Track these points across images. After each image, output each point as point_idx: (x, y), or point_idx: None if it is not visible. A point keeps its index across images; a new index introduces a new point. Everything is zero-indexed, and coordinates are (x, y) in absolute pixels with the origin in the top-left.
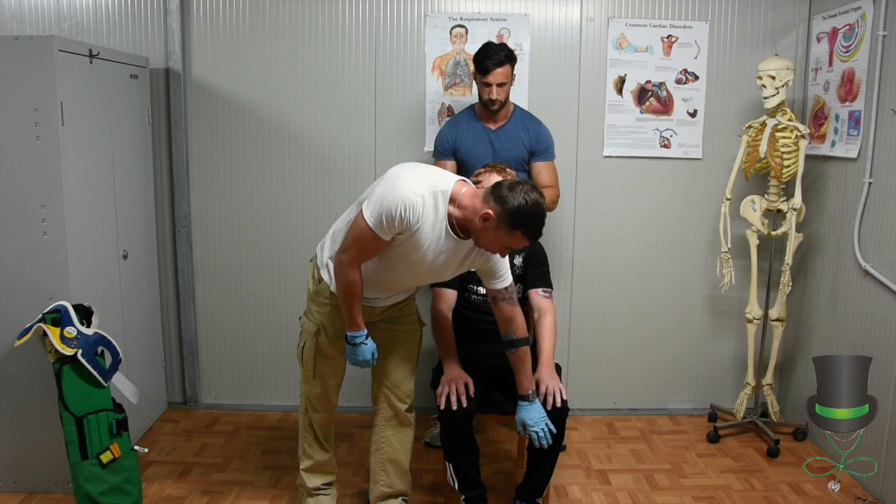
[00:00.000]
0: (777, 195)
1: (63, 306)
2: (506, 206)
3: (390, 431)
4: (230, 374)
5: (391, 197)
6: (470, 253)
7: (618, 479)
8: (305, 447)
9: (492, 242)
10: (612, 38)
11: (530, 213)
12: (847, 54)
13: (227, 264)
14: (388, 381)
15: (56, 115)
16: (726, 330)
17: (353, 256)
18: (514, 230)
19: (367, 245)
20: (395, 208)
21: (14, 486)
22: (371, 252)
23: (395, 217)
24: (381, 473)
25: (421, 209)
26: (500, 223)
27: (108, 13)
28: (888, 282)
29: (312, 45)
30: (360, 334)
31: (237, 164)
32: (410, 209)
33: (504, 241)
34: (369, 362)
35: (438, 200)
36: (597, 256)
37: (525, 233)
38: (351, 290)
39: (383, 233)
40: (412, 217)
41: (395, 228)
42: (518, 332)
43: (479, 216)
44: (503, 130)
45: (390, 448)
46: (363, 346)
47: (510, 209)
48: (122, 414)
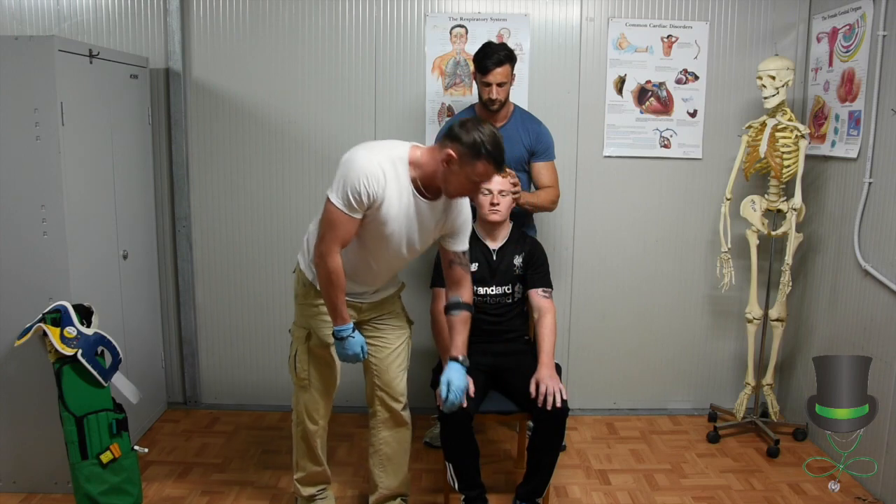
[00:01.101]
0: (777, 195)
1: (63, 306)
2: (463, 139)
3: (387, 432)
4: (230, 374)
5: (352, 173)
6: (441, 215)
7: (618, 479)
8: (298, 459)
9: (461, 183)
10: (612, 38)
11: (489, 139)
12: (847, 54)
13: (227, 264)
14: (380, 382)
15: (56, 115)
16: (726, 330)
17: (330, 243)
18: (478, 160)
19: (342, 228)
20: (358, 182)
21: (14, 486)
22: (346, 235)
23: (360, 191)
24: (381, 475)
25: (383, 177)
26: (463, 158)
27: (108, 13)
28: (888, 282)
29: (312, 45)
30: (347, 327)
31: (237, 164)
32: (373, 179)
33: (471, 176)
34: (359, 356)
35: (398, 167)
36: (597, 256)
37: (488, 159)
38: (334, 280)
39: (353, 211)
40: (376, 186)
41: (364, 203)
42: (465, 297)
43: (442, 160)
44: (503, 130)
45: (388, 448)
46: (351, 339)
47: (468, 141)
48: (122, 414)
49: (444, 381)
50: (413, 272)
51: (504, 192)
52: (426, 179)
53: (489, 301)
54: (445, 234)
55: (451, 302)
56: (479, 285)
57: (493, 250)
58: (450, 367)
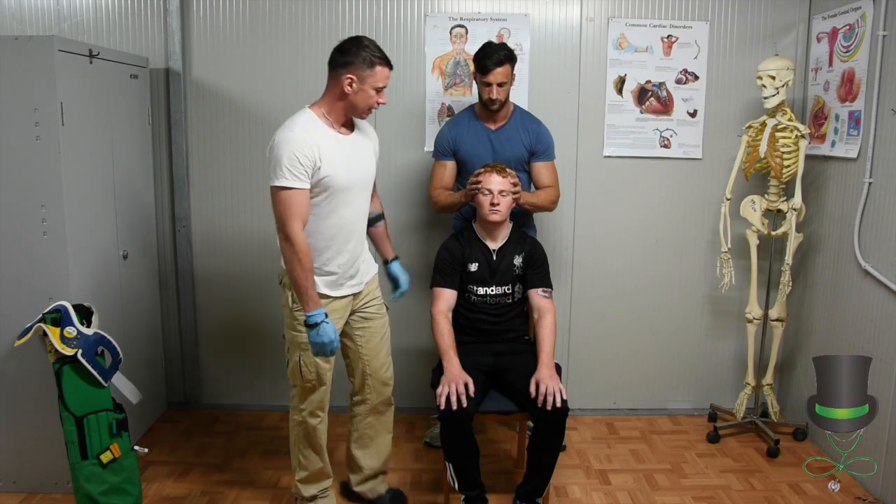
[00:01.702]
0: (777, 195)
1: (63, 306)
2: (355, 60)
3: (372, 418)
4: (230, 374)
5: (279, 151)
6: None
7: (618, 479)
8: (301, 459)
9: (368, 96)
10: (612, 38)
11: (368, 44)
12: (847, 54)
13: (227, 264)
14: (370, 369)
15: (56, 115)
16: (726, 330)
17: (291, 223)
18: (372, 66)
19: (296, 203)
20: (292, 154)
21: (14, 486)
22: (302, 209)
23: (297, 158)
24: (363, 457)
25: (305, 136)
26: (360, 72)
27: (108, 13)
28: (888, 282)
29: (312, 45)
30: (319, 312)
31: (237, 164)
32: (301, 143)
33: (373, 83)
34: (333, 342)
35: (314, 125)
36: (597, 256)
37: (381, 62)
38: (302, 260)
39: (300, 181)
40: (304, 148)
41: (306, 168)
42: (380, 209)
43: (345, 84)
44: (503, 130)
45: (372, 432)
46: (325, 324)
47: (360, 57)
48: (122, 414)
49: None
50: (413, 273)
51: (504, 192)
52: (339, 118)
53: (489, 301)
54: None
55: (372, 216)
56: (479, 285)
57: (493, 250)
58: (392, 266)
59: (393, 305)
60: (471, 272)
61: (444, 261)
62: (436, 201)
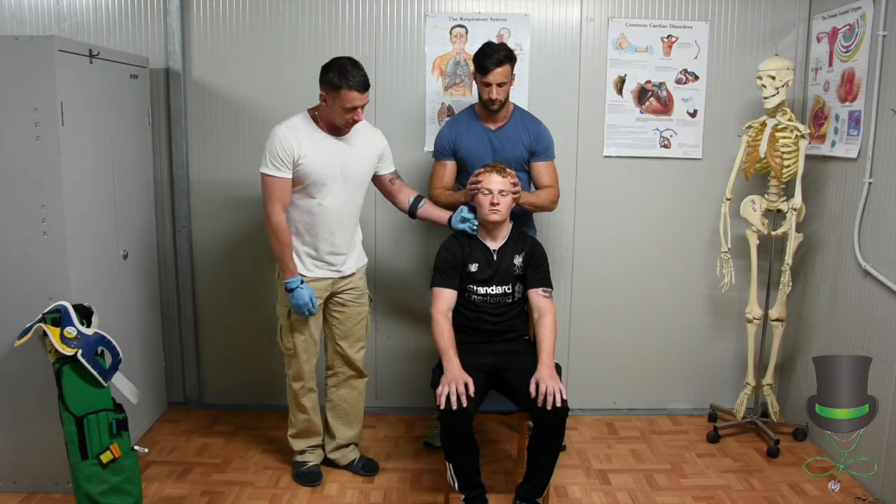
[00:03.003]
0: (777, 195)
1: (63, 306)
2: (324, 80)
3: (346, 390)
4: (230, 374)
5: (269, 142)
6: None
7: (618, 479)
8: (291, 417)
9: (340, 114)
10: (612, 38)
11: (340, 67)
12: (847, 54)
13: (227, 264)
14: (343, 345)
15: (56, 115)
16: (726, 330)
17: (272, 206)
18: (338, 90)
19: (278, 189)
20: (276, 146)
21: (14, 486)
22: (283, 194)
23: (279, 150)
24: (339, 427)
25: (292, 132)
26: (329, 92)
27: (108, 13)
28: (888, 282)
29: (312, 45)
30: (295, 279)
31: (237, 164)
32: (284, 138)
33: (342, 104)
34: (308, 305)
35: (304, 122)
36: (597, 256)
37: (345, 86)
38: (280, 237)
39: (281, 171)
40: (288, 143)
41: (286, 159)
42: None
43: (321, 100)
44: (503, 130)
45: (346, 405)
46: (300, 289)
47: (327, 81)
48: (122, 414)
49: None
50: (413, 273)
51: (504, 192)
52: (326, 124)
53: (489, 301)
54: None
55: (411, 202)
56: (479, 285)
57: (493, 250)
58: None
59: (393, 305)
60: (471, 272)
61: (444, 261)
62: (436, 201)
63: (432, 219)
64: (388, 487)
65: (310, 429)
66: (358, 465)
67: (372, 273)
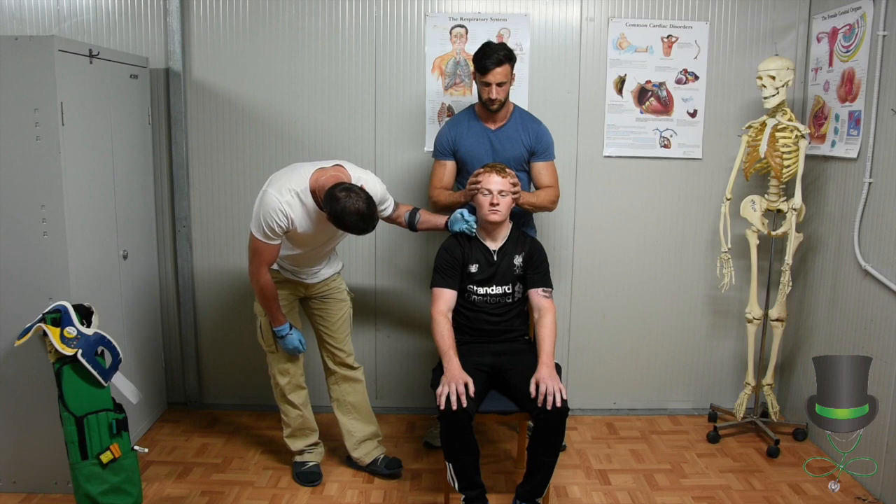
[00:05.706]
0: (777, 195)
1: (63, 306)
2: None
3: (346, 384)
4: (230, 373)
5: (263, 213)
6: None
7: (618, 479)
8: (283, 416)
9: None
10: (612, 38)
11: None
12: (847, 54)
13: (227, 264)
14: (332, 343)
15: (56, 115)
16: (726, 330)
17: (258, 267)
18: (342, 225)
19: (265, 253)
20: (270, 220)
21: (14, 486)
22: (270, 257)
23: (272, 226)
24: (351, 423)
25: (289, 211)
26: (334, 222)
27: (108, 13)
28: (888, 282)
29: (312, 45)
30: (284, 327)
31: (237, 164)
32: (281, 215)
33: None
34: (298, 349)
35: (301, 198)
36: (597, 256)
37: (351, 229)
38: (266, 294)
39: (272, 240)
40: (285, 220)
41: (278, 232)
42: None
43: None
44: (503, 130)
45: (350, 397)
46: (289, 336)
47: (333, 212)
48: (122, 414)
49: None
50: (413, 273)
51: (504, 192)
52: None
53: (489, 301)
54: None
55: (408, 219)
56: (479, 285)
57: (493, 250)
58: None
59: (393, 306)
60: (471, 272)
61: (444, 261)
62: (436, 201)
63: (430, 226)
64: (387, 487)
65: (304, 425)
66: (382, 465)
67: (372, 273)
